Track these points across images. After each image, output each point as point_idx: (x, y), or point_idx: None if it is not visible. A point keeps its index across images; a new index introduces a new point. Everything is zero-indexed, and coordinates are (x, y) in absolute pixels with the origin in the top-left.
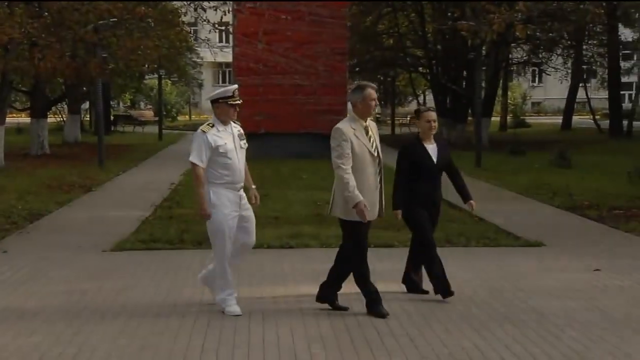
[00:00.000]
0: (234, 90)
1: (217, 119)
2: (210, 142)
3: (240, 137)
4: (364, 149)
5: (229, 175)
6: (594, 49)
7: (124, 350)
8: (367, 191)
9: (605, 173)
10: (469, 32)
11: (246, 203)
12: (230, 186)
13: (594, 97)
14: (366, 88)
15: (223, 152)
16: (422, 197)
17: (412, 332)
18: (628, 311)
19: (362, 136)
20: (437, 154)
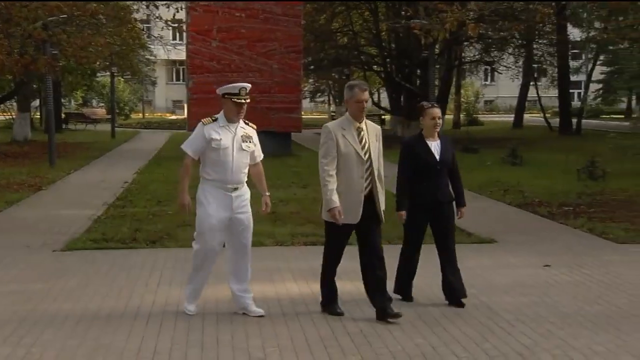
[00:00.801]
0: (240, 88)
1: (222, 115)
2: (205, 134)
3: (244, 139)
4: (350, 150)
5: (218, 173)
6: (544, 48)
7: (74, 352)
8: (349, 194)
9: (555, 170)
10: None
11: (243, 206)
12: (219, 185)
13: (544, 96)
14: (353, 88)
15: (215, 147)
16: (425, 198)
17: (366, 330)
18: (577, 306)
19: (351, 137)
20: (440, 151)
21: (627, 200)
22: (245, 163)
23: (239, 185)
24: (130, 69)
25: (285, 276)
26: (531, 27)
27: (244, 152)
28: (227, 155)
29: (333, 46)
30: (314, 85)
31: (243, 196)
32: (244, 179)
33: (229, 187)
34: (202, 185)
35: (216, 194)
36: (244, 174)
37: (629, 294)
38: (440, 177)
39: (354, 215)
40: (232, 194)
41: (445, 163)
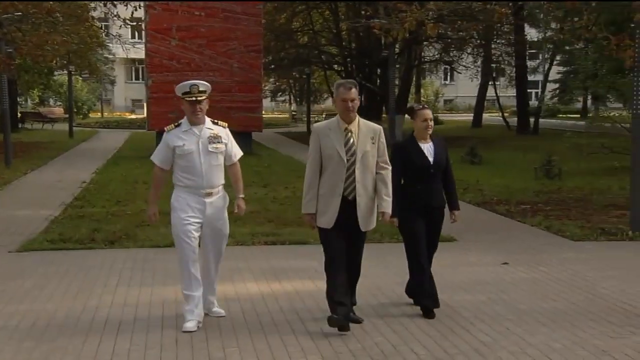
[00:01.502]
0: (191, 86)
1: (185, 119)
2: (168, 142)
3: (212, 140)
4: (333, 152)
5: (189, 178)
6: (502, 48)
7: (30, 354)
8: (328, 197)
9: (513, 169)
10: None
11: (217, 213)
12: (190, 190)
13: (502, 95)
14: (339, 87)
15: (180, 154)
16: (418, 202)
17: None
18: (534, 303)
19: (336, 139)
20: (433, 153)
21: (582, 199)
22: (217, 166)
23: (213, 189)
24: (89, 68)
25: (245, 276)
26: (489, 27)
27: (213, 154)
28: (194, 159)
29: (293, 45)
30: (275, 85)
31: (218, 202)
32: (220, 182)
33: (202, 192)
34: (175, 191)
35: (189, 199)
36: (218, 177)
37: (585, 290)
38: (434, 181)
39: (328, 219)
40: (206, 199)
41: (439, 166)
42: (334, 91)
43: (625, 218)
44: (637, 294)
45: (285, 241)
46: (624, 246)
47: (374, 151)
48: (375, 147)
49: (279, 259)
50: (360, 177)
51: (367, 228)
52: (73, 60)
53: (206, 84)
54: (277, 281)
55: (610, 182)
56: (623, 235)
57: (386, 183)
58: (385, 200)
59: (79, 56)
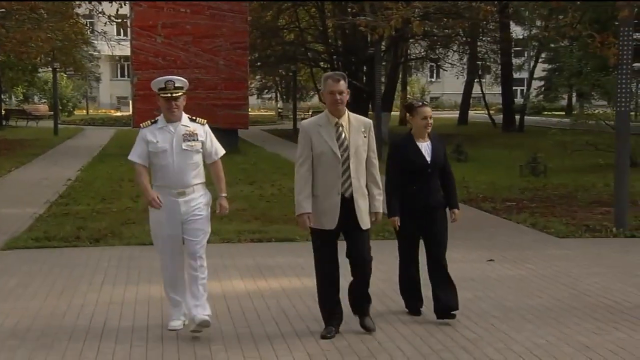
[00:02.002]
0: (166, 82)
1: (162, 116)
2: (143, 137)
3: (187, 138)
4: (325, 149)
5: (162, 177)
6: (488, 46)
7: (14, 352)
8: (325, 196)
9: (499, 167)
10: (367, 27)
11: (193, 212)
12: (164, 190)
13: (488, 93)
14: (327, 79)
15: (153, 152)
16: (415, 203)
17: (313, 327)
18: (519, 300)
19: (327, 134)
20: (430, 151)
21: (567, 195)
22: (192, 164)
23: (187, 189)
24: (73, 65)
25: (231, 273)
26: (475, 25)
27: (187, 152)
28: (166, 157)
29: (280, 43)
30: (261, 82)
31: (194, 201)
32: (194, 182)
33: (174, 192)
34: (153, 190)
35: (164, 200)
36: (192, 176)
37: (570, 287)
38: (432, 180)
39: (330, 220)
40: (179, 199)
41: (437, 165)
42: (322, 84)
43: (609, 215)
44: (620, 291)
45: (272, 238)
46: (608, 243)
47: (366, 145)
48: (367, 141)
49: (265, 257)
50: (355, 172)
51: (366, 226)
52: (58, 57)
53: (183, 80)
54: (264, 278)
55: (594, 179)
56: (607, 232)
57: (376, 181)
58: (377, 200)
59: (64, 53)
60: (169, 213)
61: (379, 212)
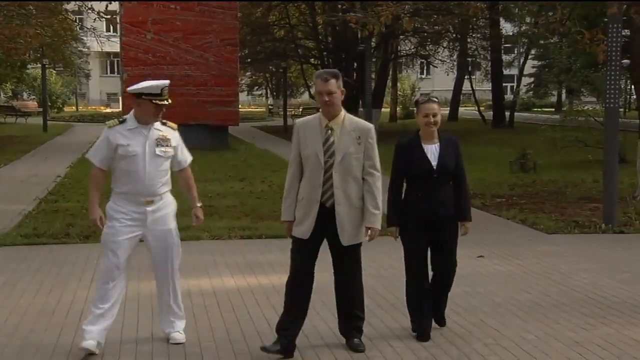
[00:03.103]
0: (162, 88)
1: (133, 116)
2: (111, 140)
3: (159, 142)
4: (311, 152)
5: (128, 183)
6: (478, 42)
7: (2, 350)
8: (306, 203)
9: (488, 163)
10: (358, 24)
11: (162, 222)
12: (130, 197)
13: (478, 89)
14: (316, 78)
15: (123, 155)
16: (420, 212)
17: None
18: (509, 295)
19: (315, 137)
20: (438, 155)
21: (556, 192)
22: (162, 171)
23: (155, 197)
24: (63, 61)
25: (221, 270)
26: (465, 22)
27: (159, 159)
28: (137, 163)
29: (270, 39)
30: (251, 79)
31: (161, 210)
32: (163, 190)
33: (142, 201)
34: (113, 198)
35: (127, 208)
36: (162, 184)
37: (559, 282)
38: (439, 188)
39: (304, 229)
40: (147, 207)
41: (445, 171)
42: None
43: (598, 211)
44: (609, 286)
45: (262, 235)
46: (597, 239)
47: (359, 153)
48: (362, 149)
49: (255, 253)
50: (339, 182)
51: (349, 242)
52: (47, 54)
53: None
54: (253, 275)
55: (583, 176)
56: (596, 228)
57: (373, 192)
58: (372, 214)
59: (53, 49)
60: (132, 223)
61: (373, 228)
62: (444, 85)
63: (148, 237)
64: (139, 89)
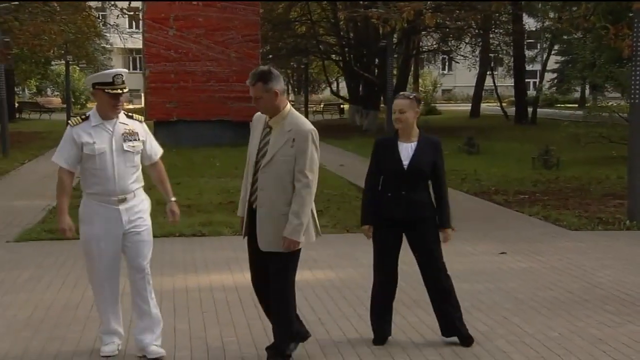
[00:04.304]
0: (114, 76)
1: (95, 112)
2: (75, 138)
3: (127, 137)
4: (250, 151)
5: (97, 184)
6: (500, 38)
7: (29, 343)
8: (242, 203)
9: (511, 159)
10: (379, 19)
11: (137, 219)
12: (100, 198)
13: (500, 85)
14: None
15: (89, 153)
16: (390, 213)
17: (323, 318)
18: (531, 292)
19: (256, 134)
20: (412, 155)
21: (580, 188)
22: (132, 167)
23: (127, 194)
24: (86, 58)
25: (243, 266)
26: (487, 17)
27: (128, 154)
28: (105, 160)
29: (291, 35)
30: None
31: (136, 207)
32: (135, 187)
33: (114, 200)
34: (84, 200)
35: (99, 209)
36: (132, 180)
37: (582, 279)
38: (411, 188)
39: (243, 228)
40: (120, 206)
41: (417, 171)
42: None
43: (622, 208)
44: (633, 283)
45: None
46: (621, 236)
47: (291, 157)
48: (293, 152)
49: None
50: (264, 184)
51: (266, 248)
52: (70, 50)
53: (126, 72)
54: None
55: (608, 172)
56: (620, 224)
57: (296, 200)
58: (289, 223)
59: (77, 46)
60: (108, 225)
61: (286, 238)
62: (465, 81)
63: (125, 237)
64: (91, 79)
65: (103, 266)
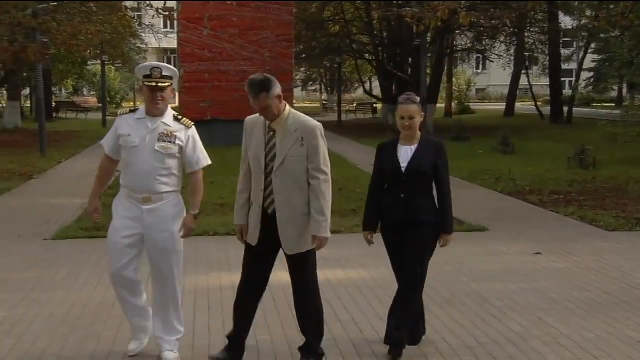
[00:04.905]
0: (152, 68)
1: (144, 105)
2: (117, 127)
3: (162, 137)
4: (255, 153)
5: (127, 178)
6: (536, 37)
7: (66, 340)
8: (253, 208)
9: (546, 159)
10: (413, 19)
11: (160, 224)
12: (128, 193)
13: (535, 84)
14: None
15: (123, 145)
16: (388, 217)
17: (357, 317)
18: (566, 293)
19: (258, 138)
20: (411, 158)
21: (617, 188)
22: (162, 168)
23: (153, 195)
24: (122, 58)
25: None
26: (523, 15)
27: (158, 154)
28: (135, 155)
29: (325, 34)
30: (306, 74)
31: (161, 211)
32: (163, 190)
33: (138, 197)
34: (120, 193)
35: (125, 204)
36: (160, 182)
37: (619, 280)
38: (410, 192)
39: (252, 235)
40: (144, 206)
41: (415, 174)
42: None
43: None
44: None
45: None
46: None
47: (302, 157)
48: (304, 151)
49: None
50: (280, 187)
51: (292, 251)
52: (106, 50)
53: (172, 69)
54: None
55: None
56: None
57: (317, 198)
58: (315, 221)
59: (112, 46)
60: (129, 221)
61: (318, 236)
62: (500, 80)
63: (145, 239)
64: (136, 70)
65: (117, 264)
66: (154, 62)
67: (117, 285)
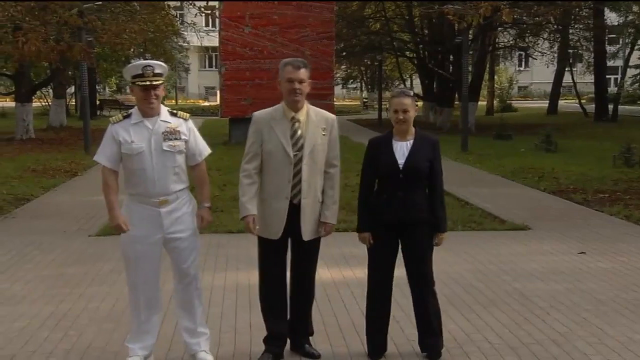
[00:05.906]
0: (144, 67)
1: (137, 109)
2: (114, 136)
3: (167, 136)
4: (277, 147)
5: (138, 185)
6: (580, 33)
7: (110, 335)
8: (272, 201)
9: (590, 157)
10: (455, 16)
11: (179, 223)
12: (141, 199)
13: (579, 82)
14: (285, 65)
15: (127, 154)
16: (384, 216)
17: (398, 315)
18: (612, 293)
19: (281, 130)
20: (407, 154)
21: None
22: (174, 167)
23: (169, 196)
24: (164, 56)
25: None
26: (567, 12)
27: (168, 154)
28: (143, 160)
29: (365, 32)
30: (346, 72)
31: (178, 210)
32: (177, 188)
33: (154, 202)
34: (125, 201)
35: (141, 211)
36: (174, 181)
37: None
38: (407, 190)
39: (275, 229)
40: (161, 209)
41: (413, 171)
42: (280, 71)
43: None
44: None
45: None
46: None
47: (325, 145)
48: (327, 140)
49: (350, 246)
50: (307, 175)
51: (310, 237)
52: (149, 49)
53: (164, 66)
54: (349, 268)
55: None
56: None
57: (333, 186)
58: (328, 208)
59: (155, 44)
60: (147, 227)
61: (327, 223)
62: (543, 78)
63: (166, 241)
64: (124, 71)
65: (139, 270)
66: (144, 61)
67: (135, 294)
